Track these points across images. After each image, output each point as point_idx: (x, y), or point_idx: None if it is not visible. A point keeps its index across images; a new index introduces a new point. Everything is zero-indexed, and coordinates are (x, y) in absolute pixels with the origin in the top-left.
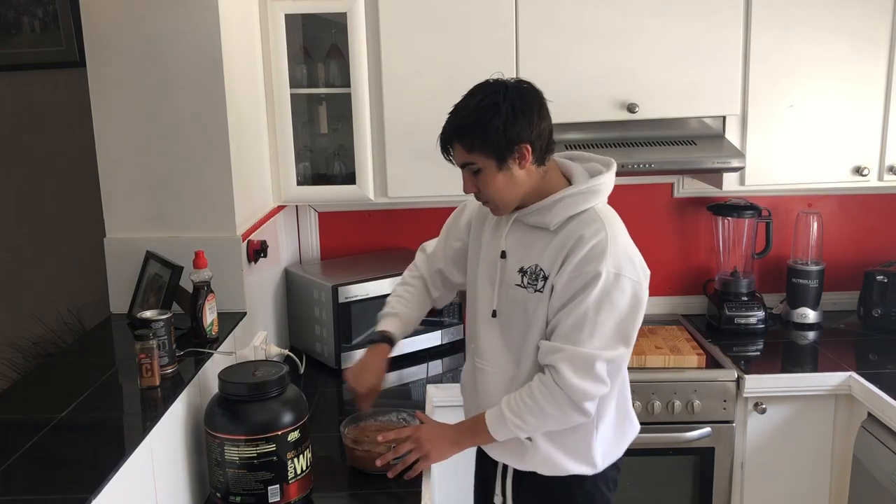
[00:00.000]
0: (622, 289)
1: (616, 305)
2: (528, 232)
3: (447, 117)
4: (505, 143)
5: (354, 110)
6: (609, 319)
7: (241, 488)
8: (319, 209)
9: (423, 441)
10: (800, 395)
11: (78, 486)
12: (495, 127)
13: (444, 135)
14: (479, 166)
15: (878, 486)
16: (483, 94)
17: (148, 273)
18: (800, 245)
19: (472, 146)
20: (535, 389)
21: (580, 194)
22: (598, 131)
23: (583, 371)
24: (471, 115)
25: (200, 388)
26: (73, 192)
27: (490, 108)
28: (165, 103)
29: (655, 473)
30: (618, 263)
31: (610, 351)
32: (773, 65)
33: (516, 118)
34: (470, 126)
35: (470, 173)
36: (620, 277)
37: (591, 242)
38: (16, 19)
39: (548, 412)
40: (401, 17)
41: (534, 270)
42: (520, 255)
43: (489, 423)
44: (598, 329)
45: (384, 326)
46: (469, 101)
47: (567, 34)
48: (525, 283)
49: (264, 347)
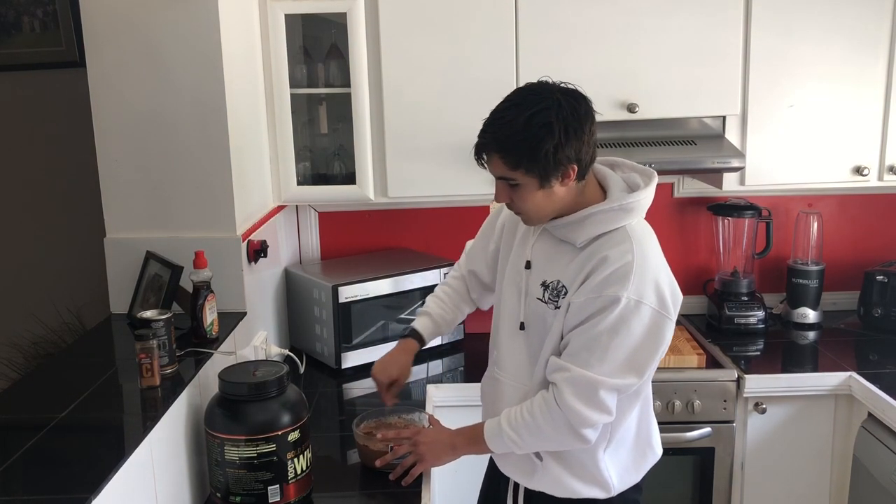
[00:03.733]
0: (641, 317)
1: (633, 333)
2: (554, 244)
3: (487, 124)
4: (553, 165)
5: (354, 110)
6: (622, 347)
7: (241, 488)
8: (319, 209)
9: (420, 444)
10: (800, 395)
11: (78, 486)
12: (546, 150)
13: (483, 145)
14: (518, 183)
15: (878, 486)
16: (534, 109)
17: (148, 273)
18: (800, 245)
19: (516, 165)
20: (535, 406)
21: (612, 211)
22: (599, 131)
23: (584, 396)
24: (520, 133)
25: (200, 388)
26: (73, 192)
27: (542, 128)
28: (165, 103)
29: (655, 473)
30: (641, 291)
31: (617, 379)
32: (773, 65)
33: (568, 140)
34: (518, 145)
35: (506, 185)
36: (641, 306)
37: (616, 265)
38: (16, 19)
39: (544, 432)
40: (401, 17)
41: (555, 287)
42: (544, 268)
43: (487, 434)
44: (609, 355)
45: (415, 325)
46: (517, 113)
47: (567, 34)
48: (546, 298)
49: (264, 347)
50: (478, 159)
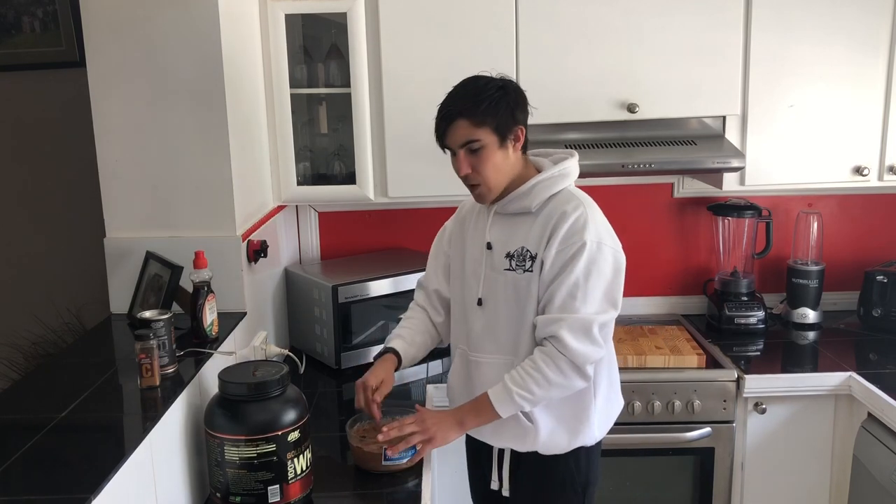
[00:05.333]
0: (605, 256)
1: (602, 272)
2: (510, 220)
3: (448, 98)
4: (512, 122)
5: (354, 110)
6: (598, 285)
7: (241, 488)
8: (319, 209)
9: (427, 424)
10: (800, 395)
11: (78, 486)
12: (505, 105)
13: (448, 115)
14: (481, 144)
15: (878, 486)
16: (487, 80)
17: (148, 273)
18: (800, 245)
19: (482, 122)
20: (538, 360)
21: (553, 178)
22: (598, 131)
23: (582, 335)
24: (481, 93)
25: (200, 388)
26: (73, 192)
27: (498, 90)
28: (165, 103)
29: (655, 473)
30: (598, 233)
31: (603, 315)
32: (773, 65)
33: (518, 103)
34: (480, 102)
35: (468, 153)
36: (602, 246)
37: (574, 216)
38: (16, 19)
39: (552, 380)
40: (401, 17)
41: (520, 252)
42: (506, 242)
43: (494, 399)
44: (589, 295)
45: (388, 344)
46: (473, 83)
47: (567, 34)
48: (514, 265)
49: (264, 347)
50: (441, 138)
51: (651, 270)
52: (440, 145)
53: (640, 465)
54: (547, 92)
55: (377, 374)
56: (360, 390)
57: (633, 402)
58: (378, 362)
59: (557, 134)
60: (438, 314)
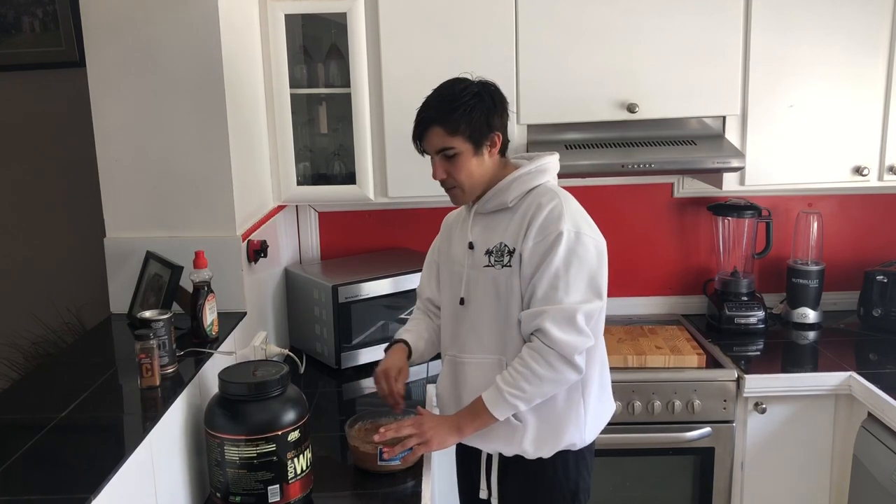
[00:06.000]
0: (585, 245)
1: (584, 261)
2: (489, 218)
3: (425, 103)
4: (487, 129)
5: (354, 110)
6: (580, 275)
7: (241, 488)
8: (319, 209)
9: (425, 427)
10: (800, 394)
11: (78, 486)
12: (479, 113)
13: (423, 120)
14: (456, 151)
15: (878, 486)
16: (463, 85)
17: (148, 273)
18: (800, 245)
19: (455, 130)
20: (525, 357)
21: (530, 173)
22: (598, 131)
23: (566, 325)
24: (457, 100)
25: (200, 388)
26: (73, 193)
27: (474, 97)
28: (165, 103)
29: (655, 473)
30: (576, 223)
31: (587, 304)
32: (773, 65)
33: (496, 108)
34: (455, 110)
35: (444, 159)
36: (581, 235)
37: (549, 207)
38: (16, 19)
39: (542, 375)
40: (401, 17)
41: (499, 248)
42: (486, 240)
43: (488, 402)
44: (571, 285)
45: (398, 337)
46: (450, 89)
47: (567, 34)
48: (492, 261)
49: (264, 347)
50: (418, 142)
51: (651, 270)
52: (417, 150)
53: (640, 464)
54: (547, 92)
55: (394, 362)
56: (382, 379)
57: (633, 401)
58: (391, 351)
59: (557, 134)
60: (438, 319)
